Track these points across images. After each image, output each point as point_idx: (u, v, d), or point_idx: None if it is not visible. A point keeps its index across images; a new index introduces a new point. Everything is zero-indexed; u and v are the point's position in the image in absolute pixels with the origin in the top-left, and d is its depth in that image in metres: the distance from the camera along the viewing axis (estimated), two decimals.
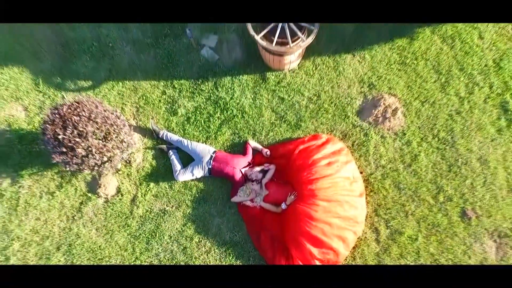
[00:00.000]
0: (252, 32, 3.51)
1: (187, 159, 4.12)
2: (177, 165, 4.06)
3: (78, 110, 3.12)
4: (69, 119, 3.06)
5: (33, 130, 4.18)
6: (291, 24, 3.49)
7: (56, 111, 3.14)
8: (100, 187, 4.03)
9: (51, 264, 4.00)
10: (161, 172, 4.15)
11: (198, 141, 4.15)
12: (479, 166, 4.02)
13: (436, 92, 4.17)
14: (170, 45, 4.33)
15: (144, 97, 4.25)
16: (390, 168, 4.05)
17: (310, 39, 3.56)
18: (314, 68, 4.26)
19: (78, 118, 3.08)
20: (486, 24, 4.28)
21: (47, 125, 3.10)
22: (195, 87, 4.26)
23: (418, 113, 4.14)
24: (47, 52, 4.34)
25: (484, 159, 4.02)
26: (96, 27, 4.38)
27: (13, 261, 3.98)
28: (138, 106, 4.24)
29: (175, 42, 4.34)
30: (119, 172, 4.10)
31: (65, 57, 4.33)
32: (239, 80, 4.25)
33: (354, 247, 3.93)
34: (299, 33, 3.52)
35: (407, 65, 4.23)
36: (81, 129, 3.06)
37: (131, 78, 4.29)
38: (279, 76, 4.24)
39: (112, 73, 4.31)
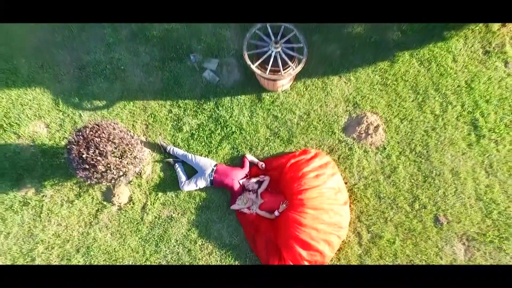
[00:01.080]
0: (248, 61, 3.97)
1: (191, 171, 4.50)
2: (183, 177, 4.45)
3: (99, 132, 3.60)
4: (92, 140, 3.53)
5: (54, 145, 4.62)
6: (283, 55, 3.95)
7: (80, 133, 3.61)
8: (114, 196, 4.43)
9: (71, 264, 4.45)
10: (168, 183, 4.54)
11: (201, 155, 4.53)
12: (451, 177, 4.44)
13: (414, 110, 4.59)
14: (176, 68, 4.71)
15: (152, 116, 4.68)
16: (371, 179, 4.49)
17: (299, 68, 4.02)
18: (304, 89, 4.67)
19: (99, 139, 3.55)
20: (459, 48, 4.70)
21: (73, 146, 3.57)
22: (198, 106, 4.67)
23: (397, 130, 4.56)
24: (65, 74, 4.73)
25: (456, 171, 4.44)
26: (109, 51, 4.78)
27: (38, 262, 4.40)
28: (147, 123, 4.69)
29: (180, 65, 4.71)
30: (131, 183, 4.52)
31: (82, 79, 4.71)
32: (238, 100, 4.67)
33: (338, 250, 4.31)
34: (290, 63, 3.98)
35: (388, 85, 4.63)
36: (101, 149, 3.53)
37: (141, 98, 4.69)
38: (273, 96, 4.66)
39: (124, 93, 4.69)
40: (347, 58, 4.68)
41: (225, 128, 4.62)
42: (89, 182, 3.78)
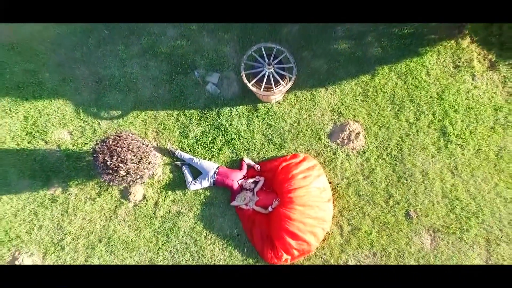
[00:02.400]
0: (245, 80, 4.58)
1: (197, 173, 5.11)
2: (189, 178, 5.07)
3: (120, 142, 4.25)
4: (114, 150, 4.20)
5: (77, 150, 5.27)
6: (275, 74, 4.56)
7: (104, 144, 4.26)
8: (130, 194, 5.07)
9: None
10: (177, 183, 5.16)
11: (205, 159, 5.13)
12: (421, 177, 5.07)
13: (391, 118, 5.18)
14: (181, 82, 5.29)
15: (162, 124, 5.30)
16: (352, 179, 5.11)
17: (289, 85, 4.63)
18: (295, 100, 5.27)
19: (120, 149, 4.20)
20: (433, 63, 5.27)
21: (99, 154, 4.24)
22: (202, 115, 5.26)
23: (376, 136, 5.16)
24: (84, 87, 5.33)
25: (426, 172, 5.06)
26: (122, 66, 5.37)
27: (67, 250, 5.10)
28: (157, 131, 5.32)
29: (185, 79, 5.30)
30: (145, 183, 5.17)
31: (99, 92, 5.31)
32: (236, 110, 5.26)
33: (323, 240, 4.95)
34: (281, 81, 4.61)
35: (368, 97, 5.21)
36: (122, 157, 4.18)
37: (152, 108, 5.30)
38: (268, 106, 5.26)
39: (136, 104, 5.28)
40: (333, 72, 5.27)
41: (225, 135, 5.23)
42: (111, 184, 4.46)
